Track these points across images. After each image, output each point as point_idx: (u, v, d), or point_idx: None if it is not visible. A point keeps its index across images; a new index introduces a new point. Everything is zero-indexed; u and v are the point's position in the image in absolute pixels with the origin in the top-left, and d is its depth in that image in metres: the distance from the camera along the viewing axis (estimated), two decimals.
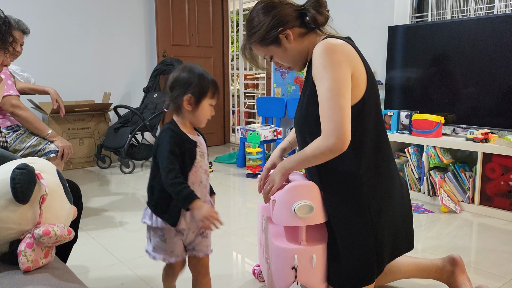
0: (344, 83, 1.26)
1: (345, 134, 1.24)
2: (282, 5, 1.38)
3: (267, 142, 4.02)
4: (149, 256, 1.39)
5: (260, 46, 1.41)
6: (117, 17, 4.53)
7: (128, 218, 2.64)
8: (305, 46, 1.41)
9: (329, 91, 1.25)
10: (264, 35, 1.37)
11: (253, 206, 2.94)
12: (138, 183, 3.53)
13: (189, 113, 1.30)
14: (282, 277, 1.42)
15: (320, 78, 1.28)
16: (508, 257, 2.06)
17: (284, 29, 1.36)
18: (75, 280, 0.96)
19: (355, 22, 3.65)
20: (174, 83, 1.30)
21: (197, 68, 1.31)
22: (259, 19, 1.37)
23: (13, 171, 0.92)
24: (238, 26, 5.31)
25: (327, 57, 1.26)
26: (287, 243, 1.44)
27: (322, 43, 1.29)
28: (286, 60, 1.43)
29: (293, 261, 1.39)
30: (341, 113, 1.24)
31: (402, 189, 1.49)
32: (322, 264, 1.43)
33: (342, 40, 1.32)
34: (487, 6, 3.06)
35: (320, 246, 1.42)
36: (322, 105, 1.27)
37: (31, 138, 2.28)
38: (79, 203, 1.47)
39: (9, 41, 1.62)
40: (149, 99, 4.27)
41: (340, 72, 1.25)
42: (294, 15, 1.38)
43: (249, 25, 1.42)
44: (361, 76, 1.32)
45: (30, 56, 3.96)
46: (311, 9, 1.38)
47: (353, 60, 1.30)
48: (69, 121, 3.98)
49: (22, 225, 0.93)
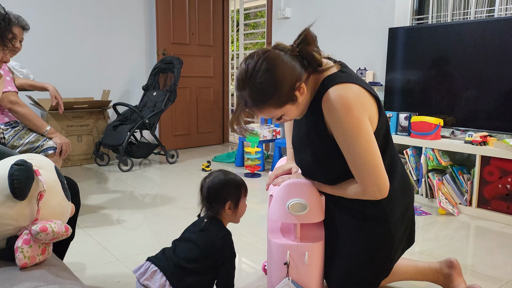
0: (369, 136, 1.24)
1: (386, 184, 1.28)
2: (283, 59, 1.22)
3: (266, 142, 4.02)
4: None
5: (274, 108, 1.26)
6: (117, 14, 4.53)
7: (125, 216, 2.64)
8: (311, 90, 1.32)
9: (358, 155, 1.25)
10: (282, 96, 1.22)
11: (250, 205, 2.94)
12: (136, 181, 3.53)
13: (229, 216, 1.45)
14: (276, 271, 1.45)
15: (345, 140, 1.25)
16: (505, 260, 2.07)
17: (300, 84, 1.24)
18: (72, 277, 0.96)
19: (356, 23, 3.65)
20: (213, 194, 1.42)
21: (229, 175, 1.46)
22: (272, 80, 1.20)
23: (11, 167, 0.92)
24: (239, 25, 5.31)
25: (346, 118, 1.22)
26: (281, 238, 1.47)
27: (333, 99, 1.23)
28: (296, 114, 1.32)
29: (285, 256, 1.41)
30: (377, 169, 1.26)
31: (412, 191, 1.51)
32: (316, 263, 1.44)
33: (346, 83, 1.25)
34: (488, 9, 3.06)
35: (313, 244, 1.43)
36: (353, 160, 1.26)
37: (29, 135, 2.28)
38: (76, 200, 1.47)
39: (9, 37, 1.61)
40: (148, 97, 4.27)
41: (363, 130, 1.23)
42: (298, 64, 1.25)
43: (259, 88, 1.22)
44: (373, 111, 1.29)
45: (30, 52, 3.95)
46: (306, 50, 1.26)
47: (365, 102, 1.26)
48: (68, 118, 3.97)
49: (20, 221, 0.93)
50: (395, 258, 1.44)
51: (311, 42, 1.27)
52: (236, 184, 1.45)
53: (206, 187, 1.43)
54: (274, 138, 4.04)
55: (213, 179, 1.44)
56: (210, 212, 1.43)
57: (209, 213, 1.43)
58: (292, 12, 4.22)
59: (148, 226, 2.48)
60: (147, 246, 2.18)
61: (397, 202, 1.40)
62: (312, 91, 1.33)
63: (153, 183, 3.49)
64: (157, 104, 4.13)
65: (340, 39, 3.79)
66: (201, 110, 5.21)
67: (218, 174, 1.46)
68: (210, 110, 5.30)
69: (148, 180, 3.58)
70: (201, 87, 5.16)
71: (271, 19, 4.47)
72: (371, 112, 1.28)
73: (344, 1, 3.73)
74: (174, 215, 2.68)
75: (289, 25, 4.25)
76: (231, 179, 1.45)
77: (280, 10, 4.30)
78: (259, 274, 1.89)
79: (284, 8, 4.26)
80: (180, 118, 5.01)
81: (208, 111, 5.29)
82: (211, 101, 5.30)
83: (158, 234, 2.35)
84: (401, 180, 1.43)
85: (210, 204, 1.42)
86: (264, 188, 3.37)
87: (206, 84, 5.21)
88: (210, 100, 5.28)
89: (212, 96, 5.30)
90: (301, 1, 4.11)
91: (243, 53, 5.26)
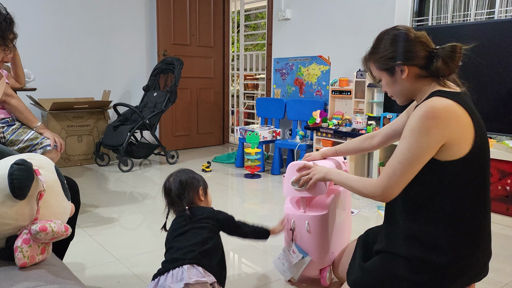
0: (420, 153, 1.20)
1: (392, 195, 1.26)
2: (415, 42, 1.31)
3: (266, 142, 4.02)
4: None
5: (374, 66, 1.39)
6: (118, 15, 4.54)
7: (125, 216, 2.64)
8: (416, 87, 1.33)
9: (403, 153, 1.22)
10: (382, 60, 1.35)
11: (250, 206, 2.94)
12: (136, 181, 3.53)
13: (202, 203, 1.54)
14: (286, 236, 1.74)
15: (403, 136, 1.24)
16: (505, 262, 2.07)
17: (403, 64, 1.30)
18: (72, 277, 0.96)
19: (356, 25, 3.66)
20: (185, 184, 1.50)
21: (188, 170, 1.56)
22: (386, 44, 1.34)
23: (11, 167, 0.92)
24: (239, 26, 5.31)
25: (420, 121, 1.20)
26: (290, 209, 1.74)
27: (424, 105, 1.22)
28: (391, 90, 1.39)
29: (292, 224, 1.70)
30: (400, 178, 1.23)
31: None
32: (317, 232, 1.66)
33: (450, 100, 1.21)
34: (488, 11, 3.06)
35: (314, 215, 1.66)
36: (391, 158, 1.26)
37: (27, 133, 2.29)
38: (76, 200, 1.47)
39: (10, 38, 1.62)
40: (149, 98, 4.27)
41: (423, 141, 1.19)
42: (423, 56, 1.30)
43: (375, 44, 1.40)
44: (462, 138, 1.21)
45: (30, 52, 3.96)
46: (440, 57, 1.29)
47: (454, 125, 1.19)
48: (68, 118, 3.97)
49: (19, 221, 0.93)
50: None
51: (452, 57, 1.30)
52: (200, 176, 1.57)
53: (175, 182, 1.50)
54: (274, 139, 4.04)
55: (178, 174, 1.53)
56: (184, 203, 1.47)
57: (184, 204, 1.47)
58: (292, 14, 4.23)
59: (148, 227, 2.48)
60: (147, 247, 2.18)
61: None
62: (419, 93, 1.33)
63: (153, 183, 3.49)
64: (157, 105, 4.13)
65: (340, 40, 3.79)
66: (201, 111, 5.21)
67: (180, 170, 1.55)
68: (210, 111, 5.31)
69: (148, 180, 3.58)
70: (201, 88, 5.17)
71: (272, 20, 4.48)
72: (456, 135, 1.20)
73: (344, 3, 3.74)
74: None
75: (290, 26, 4.26)
76: (192, 171, 1.56)
77: (281, 12, 4.30)
78: (259, 274, 1.89)
79: (284, 9, 4.26)
80: (181, 118, 5.01)
81: (209, 112, 5.29)
82: (212, 102, 5.31)
83: (157, 235, 2.35)
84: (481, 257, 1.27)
85: (183, 195, 1.48)
86: (264, 189, 3.37)
87: (207, 85, 5.22)
88: (210, 101, 5.29)
89: (212, 97, 5.30)
90: (302, 2, 4.12)
91: (244, 54, 5.27)
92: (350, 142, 1.77)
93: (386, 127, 1.67)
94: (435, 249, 1.23)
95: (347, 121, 3.55)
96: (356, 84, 3.57)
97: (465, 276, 1.25)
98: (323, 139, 3.60)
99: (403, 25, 1.37)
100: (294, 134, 4.03)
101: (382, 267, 1.32)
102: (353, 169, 3.47)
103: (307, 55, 4.08)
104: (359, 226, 2.56)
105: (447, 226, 1.23)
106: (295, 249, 1.68)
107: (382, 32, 1.38)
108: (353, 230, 2.49)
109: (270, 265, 1.99)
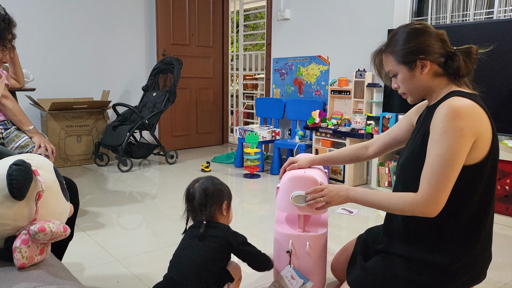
0: (459, 153, 1.17)
1: (442, 205, 1.19)
2: (437, 38, 1.29)
3: (265, 142, 4.02)
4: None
5: (392, 59, 1.32)
6: (117, 15, 4.53)
7: (124, 216, 2.64)
8: (432, 85, 1.30)
9: (440, 157, 1.18)
10: (403, 52, 1.28)
11: (250, 206, 2.94)
12: (136, 181, 3.53)
13: (223, 219, 1.45)
14: (279, 260, 1.54)
15: (436, 141, 1.19)
16: (504, 262, 2.07)
17: (425, 58, 1.27)
18: (70, 278, 0.96)
19: (355, 25, 3.66)
20: (211, 195, 1.40)
21: (218, 179, 1.47)
22: (408, 38, 1.28)
23: (9, 167, 0.92)
24: (238, 26, 5.31)
25: (450, 122, 1.16)
26: (285, 228, 1.55)
27: (447, 104, 1.19)
28: (405, 86, 1.33)
29: (288, 245, 1.50)
30: (446, 183, 1.17)
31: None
32: (317, 253, 1.50)
33: (470, 100, 1.20)
34: (487, 11, 3.06)
35: (314, 235, 1.49)
36: (428, 167, 1.20)
37: (20, 137, 2.26)
38: (75, 200, 1.47)
39: (8, 38, 1.62)
40: (148, 98, 4.27)
41: (459, 141, 1.16)
42: (443, 53, 1.28)
43: (393, 37, 1.33)
44: (484, 140, 1.21)
45: (30, 52, 3.96)
46: (460, 55, 1.27)
47: (479, 125, 1.19)
48: (67, 118, 3.97)
49: (18, 222, 0.93)
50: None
51: (469, 55, 1.28)
52: (227, 187, 1.48)
53: (200, 190, 1.41)
54: (273, 139, 4.04)
55: (205, 182, 1.43)
56: (204, 216, 1.39)
57: (203, 217, 1.40)
58: (291, 14, 4.23)
59: (147, 227, 2.48)
60: (146, 247, 2.18)
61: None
62: (434, 91, 1.31)
63: (152, 183, 3.49)
64: (156, 105, 4.13)
65: (340, 40, 3.79)
66: (200, 111, 5.21)
67: (207, 178, 1.46)
68: (209, 111, 5.31)
69: (147, 180, 3.58)
70: (200, 88, 5.16)
71: (271, 20, 4.48)
72: (480, 135, 1.19)
73: (343, 3, 3.74)
74: (174, 215, 2.68)
75: (289, 26, 4.26)
76: (222, 182, 1.47)
77: (280, 12, 4.30)
78: (259, 274, 1.89)
79: (283, 9, 4.26)
80: (180, 118, 5.01)
81: (208, 111, 5.29)
82: (211, 102, 5.31)
83: (157, 235, 2.35)
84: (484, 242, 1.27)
85: (205, 206, 1.40)
86: (264, 189, 3.37)
87: (206, 85, 5.21)
88: (209, 101, 5.29)
89: (211, 97, 5.30)
90: (301, 2, 4.12)
91: (243, 54, 5.26)
92: (342, 150, 1.68)
93: (383, 135, 1.60)
94: (436, 249, 1.23)
95: (346, 121, 3.56)
96: (355, 84, 3.57)
97: (465, 277, 1.24)
98: (322, 139, 3.60)
99: (420, 21, 1.34)
100: (294, 134, 4.03)
101: (382, 267, 1.32)
102: (352, 170, 3.47)
103: (306, 55, 4.08)
104: (359, 226, 2.56)
105: (448, 227, 1.23)
106: (294, 274, 1.49)
107: (401, 26, 1.33)
108: (353, 230, 2.49)
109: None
